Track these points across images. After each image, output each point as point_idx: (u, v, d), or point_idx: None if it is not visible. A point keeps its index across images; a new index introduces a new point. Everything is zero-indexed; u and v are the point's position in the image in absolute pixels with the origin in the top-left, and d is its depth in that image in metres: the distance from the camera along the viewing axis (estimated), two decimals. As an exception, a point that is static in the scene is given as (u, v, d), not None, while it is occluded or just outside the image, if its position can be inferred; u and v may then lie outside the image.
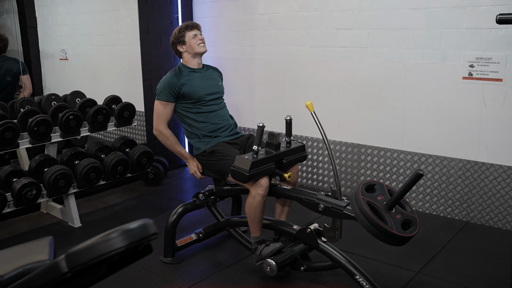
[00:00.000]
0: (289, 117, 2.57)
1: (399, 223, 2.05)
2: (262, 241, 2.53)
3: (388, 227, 2.01)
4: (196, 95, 2.73)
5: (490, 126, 3.07)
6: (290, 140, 2.62)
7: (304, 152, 2.70)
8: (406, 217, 2.09)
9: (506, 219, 3.08)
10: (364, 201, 2.07)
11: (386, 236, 2.02)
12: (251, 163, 2.33)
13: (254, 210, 2.45)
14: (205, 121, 2.75)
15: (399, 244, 2.08)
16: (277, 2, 3.97)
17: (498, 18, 1.60)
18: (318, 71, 3.83)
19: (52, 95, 3.73)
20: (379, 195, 2.14)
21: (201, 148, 2.73)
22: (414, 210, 2.18)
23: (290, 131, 2.61)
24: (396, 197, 2.06)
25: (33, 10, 4.49)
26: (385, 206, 2.09)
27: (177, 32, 2.83)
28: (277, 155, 2.50)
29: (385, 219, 2.04)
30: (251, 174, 2.35)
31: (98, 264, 0.92)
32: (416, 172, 1.96)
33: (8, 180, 3.08)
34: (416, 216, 2.14)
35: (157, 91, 2.74)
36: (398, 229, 2.02)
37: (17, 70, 4.07)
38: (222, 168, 2.63)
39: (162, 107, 2.72)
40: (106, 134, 4.66)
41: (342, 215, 2.23)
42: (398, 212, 2.10)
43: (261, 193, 2.42)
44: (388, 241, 2.06)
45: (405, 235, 2.03)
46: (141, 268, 2.70)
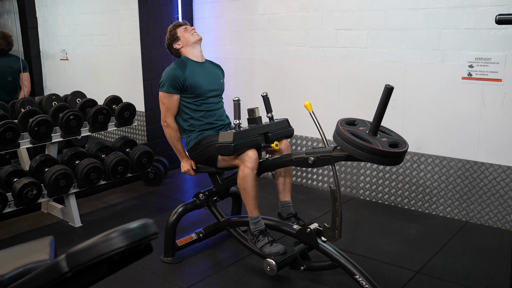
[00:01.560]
0: (265, 93, 2.70)
1: (386, 144, 2.05)
2: (266, 233, 2.50)
3: (374, 145, 2.00)
4: (199, 89, 2.73)
5: (490, 126, 3.08)
6: (271, 115, 2.70)
7: (290, 126, 2.74)
8: (392, 140, 2.09)
9: (505, 219, 3.09)
10: (346, 130, 2.09)
11: (376, 155, 2.00)
12: (233, 134, 2.38)
13: (245, 185, 2.44)
14: (202, 119, 2.76)
15: (393, 163, 2.06)
16: (277, 2, 3.97)
17: (498, 19, 1.61)
18: (318, 71, 3.83)
19: (53, 95, 3.74)
20: (360, 127, 2.15)
21: (191, 143, 2.75)
22: (400, 136, 2.18)
23: (269, 106, 2.71)
24: (376, 120, 2.06)
25: (34, 11, 4.50)
26: (368, 133, 2.09)
27: (168, 33, 2.89)
28: (260, 128, 2.55)
29: (370, 141, 2.04)
30: (236, 144, 2.37)
31: (99, 264, 0.92)
32: (385, 87, 1.98)
33: (8, 180, 3.09)
34: (404, 139, 2.12)
35: (161, 82, 2.73)
36: (385, 147, 2.02)
37: (18, 67, 4.07)
38: (211, 153, 2.64)
39: (167, 99, 2.73)
40: (107, 134, 4.67)
41: (332, 159, 2.23)
42: (383, 137, 2.10)
43: (250, 165, 2.42)
44: (379, 161, 2.04)
45: (394, 150, 2.01)
46: (141, 267, 2.71)
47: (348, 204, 3.64)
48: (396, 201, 3.57)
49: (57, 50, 4.93)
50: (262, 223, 2.53)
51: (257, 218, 2.52)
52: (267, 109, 2.71)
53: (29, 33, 4.47)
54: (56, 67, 4.91)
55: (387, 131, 2.20)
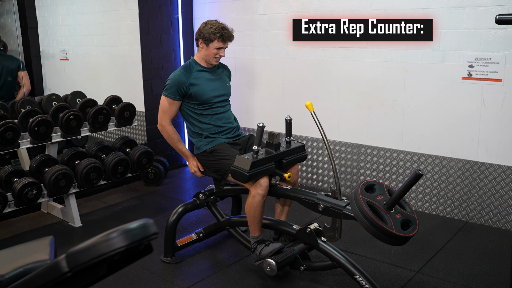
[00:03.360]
0: (289, 117, 2.59)
1: (399, 223, 2.06)
2: (262, 241, 2.54)
3: (388, 227, 2.01)
4: (203, 97, 2.71)
5: (490, 126, 3.08)
6: (290, 140, 2.63)
7: (304, 152, 2.70)
8: (405, 217, 2.10)
9: (505, 218, 3.09)
10: (364, 201, 2.08)
11: (386, 236, 2.03)
12: (251, 163, 2.34)
13: (254, 210, 2.45)
14: (209, 123, 2.74)
15: (399, 244, 2.09)
16: (277, 2, 3.97)
17: (498, 19, 1.61)
18: (318, 71, 3.83)
19: (53, 95, 3.74)
20: (378, 195, 2.14)
21: (202, 148, 2.73)
22: (413, 209, 2.19)
23: (290, 131, 2.62)
24: (396, 197, 2.07)
25: (34, 11, 4.50)
26: (384, 206, 2.09)
27: (210, 29, 2.68)
28: (277, 155, 2.51)
29: (384, 219, 2.05)
30: (251, 174, 2.35)
31: (99, 264, 0.92)
32: (415, 173, 1.97)
33: (9, 180, 3.09)
34: (416, 216, 2.15)
35: (165, 86, 2.71)
36: (398, 229, 2.03)
37: (15, 66, 4.08)
38: (222, 168, 2.63)
39: (168, 104, 2.71)
40: (107, 134, 4.67)
41: (342, 215, 2.24)
42: (397, 212, 2.10)
43: (261, 192, 2.42)
44: (387, 241, 2.06)
45: (404, 235, 2.03)
46: (141, 267, 2.71)
47: (348, 204, 3.64)
48: (396, 201, 3.57)
49: (57, 50, 4.93)
50: (261, 237, 2.57)
51: (259, 237, 2.55)
52: (287, 133, 2.63)
53: (29, 33, 4.47)
54: (56, 67, 4.91)
55: (402, 202, 2.19)
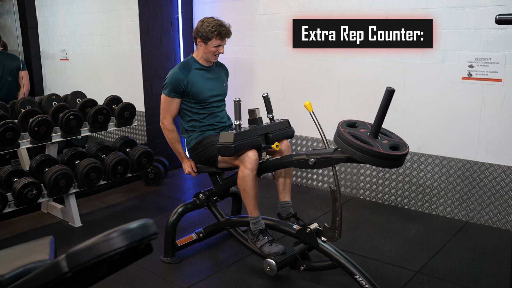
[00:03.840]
0: (266, 93, 2.70)
1: (387, 147, 2.04)
2: (265, 233, 2.50)
3: (375, 148, 2.00)
4: (200, 96, 2.73)
5: (490, 126, 3.08)
6: (272, 116, 2.70)
7: (290, 127, 2.74)
8: (393, 142, 2.09)
9: (505, 218, 3.09)
10: (347, 133, 2.08)
11: (376, 158, 2.00)
12: (234, 135, 2.38)
13: (244, 185, 2.44)
14: (203, 121, 2.76)
15: (393, 165, 2.07)
16: (277, 2, 3.97)
17: (498, 19, 1.61)
18: (318, 71, 3.83)
19: (53, 95, 3.74)
20: (361, 129, 2.15)
21: (192, 142, 2.75)
22: (401, 138, 2.18)
23: (270, 107, 2.71)
24: (377, 122, 2.06)
25: (34, 11, 4.50)
26: (369, 135, 2.09)
27: (207, 28, 2.68)
28: (261, 129, 2.55)
29: (371, 144, 2.04)
30: (236, 145, 2.37)
31: (99, 264, 0.92)
32: (386, 89, 1.97)
33: (9, 180, 3.09)
34: (404, 141, 2.12)
35: (165, 84, 2.73)
36: (386, 150, 2.02)
37: (16, 66, 4.07)
38: (211, 153, 2.64)
39: (168, 102, 2.72)
40: (107, 134, 4.67)
41: (332, 160, 2.23)
42: (384, 139, 2.10)
43: (250, 166, 2.42)
44: (380, 163, 2.04)
45: (395, 153, 2.01)
46: (141, 267, 2.71)
47: (348, 204, 3.64)
48: (396, 201, 3.57)
49: (57, 50, 4.93)
50: (262, 222, 2.53)
51: (257, 218, 2.52)
52: (268, 109, 2.71)
53: (29, 33, 4.47)
54: (56, 67, 4.91)
55: (388, 133, 2.20)
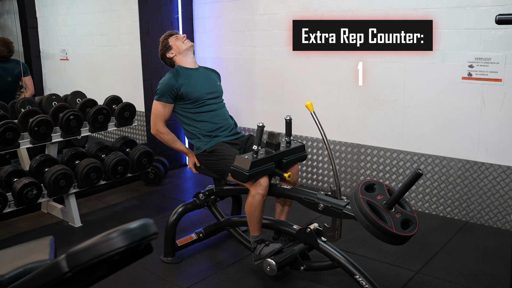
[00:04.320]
0: (289, 117, 2.59)
1: (399, 222, 2.06)
2: (262, 241, 2.53)
3: (388, 226, 2.01)
4: (195, 94, 2.73)
5: (490, 126, 3.08)
6: (290, 140, 2.63)
7: (304, 152, 2.70)
8: (405, 216, 2.10)
9: (505, 218, 3.09)
10: (364, 201, 2.08)
11: (386, 235, 2.03)
12: (251, 163, 2.34)
13: (253, 210, 2.46)
14: (205, 120, 2.75)
15: (399, 243, 2.09)
16: (277, 2, 3.97)
17: (498, 19, 1.61)
18: (318, 71, 3.83)
19: (53, 95, 3.74)
20: (378, 195, 2.14)
21: (201, 148, 2.73)
22: (413, 209, 2.19)
23: (290, 131, 2.62)
24: (396, 197, 2.07)
25: (34, 11, 4.49)
26: (384, 205, 2.09)
27: (160, 44, 2.92)
28: (277, 155, 2.51)
29: (384, 218, 2.05)
30: (251, 174, 2.36)
31: (99, 264, 0.92)
32: (415, 172, 1.97)
33: (9, 180, 3.09)
34: (416, 215, 2.15)
35: (156, 92, 2.76)
36: (398, 228, 2.03)
37: (19, 71, 4.07)
38: (222, 167, 2.63)
39: (161, 108, 2.73)
40: (107, 134, 4.67)
41: (341, 214, 2.24)
42: (397, 212, 2.10)
43: (261, 192, 2.42)
44: (387, 240, 2.06)
45: (404, 234, 2.03)
46: (141, 267, 2.71)
47: (348, 204, 3.64)
48: (396, 201, 3.57)
49: (57, 50, 4.92)
50: (261, 236, 2.56)
51: (258, 237, 2.55)
52: (287, 133, 2.63)
53: (29, 33, 4.46)
54: (56, 67, 4.91)
55: (402, 202, 2.19)
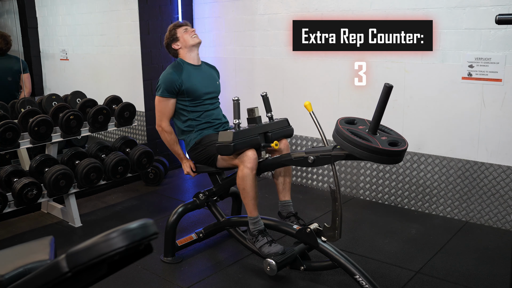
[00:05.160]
0: (264, 92, 2.70)
1: (386, 143, 2.04)
2: (265, 233, 2.51)
3: (374, 144, 2.00)
4: (195, 93, 2.74)
5: (490, 126, 3.08)
6: (271, 115, 2.70)
7: (289, 126, 2.74)
8: (392, 139, 2.09)
9: (505, 218, 3.09)
10: (345, 129, 2.09)
11: (375, 154, 2.00)
12: (233, 133, 2.38)
13: (244, 185, 2.44)
14: (199, 119, 2.76)
15: (392, 161, 2.07)
16: (277, 2, 3.97)
17: (498, 19, 1.61)
18: (318, 71, 3.83)
19: (53, 95, 3.74)
20: (360, 125, 2.15)
21: (191, 142, 2.75)
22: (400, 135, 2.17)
23: (269, 106, 2.71)
24: (376, 119, 2.06)
25: (34, 11, 4.50)
26: (368, 131, 2.09)
27: (168, 33, 2.87)
28: (260, 127, 2.55)
29: (369, 140, 2.04)
30: (235, 144, 2.38)
31: (99, 264, 0.92)
32: (384, 86, 1.97)
33: (8, 180, 3.09)
34: (403, 137, 2.12)
35: (158, 87, 2.75)
36: (385, 146, 2.01)
37: (18, 68, 4.07)
38: (211, 152, 2.64)
39: (163, 103, 2.73)
40: (107, 134, 4.67)
41: (331, 158, 2.23)
42: (383, 135, 2.10)
43: (249, 165, 2.42)
44: (379, 160, 2.04)
45: (394, 149, 2.01)
46: (141, 267, 2.71)
47: (348, 204, 3.64)
48: (396, 201, 3.57)
49: (57, 50, 4.93)
50: (261, 223, 2.53)
51: (256, 218, 2.52)
52: (267, 108, 2.71)
53: (29, 33, 4.47)
54: (56, 67, 4.91)
55: (386, 129, 2.20)
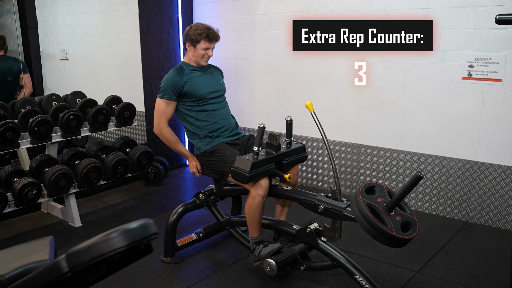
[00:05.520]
0: (289, 118, 2.58)
1: (399, 225, 2.06)
2: (261, 242, 2.53)
3: (388, 229, 2.01)
4: (198, 93, 2.73)
5: (490, 126, 3.08)
6: (290, 141, 2.62)
7: (304, 152, 2.70)
8: (405, 219, 2.10)
9: (505, 218, 3.09)
10: (364, 203, 2.07)
11: (386, 238, 2.02)
12: (251, 164, 2.34)
13: (253, 211, 2.45)
14: (207, 120, 2.75)
15: (399, 246, 2.09)
16: (277, 2, 3.97)
17: (498, 19, 1.61)
18: (318, 71, 3.83)
19: (53, 95, 3.74)
20: (378, 197, 2.14)
21: (202, 148, 2.73)
22: (413, 211, 2.19)
23: (290, 132, 2.61)
24: (396, 199, 2.07)
25: (34, 11, 4.50)
26: (384, 208, 2.09)
27: (196, 31, 2.72)
28: (277, 156, 2.51)
29: (384, 221, 2.05)
30: (251, 175, 2.35)
31: (99, 264, 0.92)
32: (416, 175, 1.97)
33: (9, 180, 3.09)
34: (416, 218, 2.15)
35: (160, 89, 2.74)
36: (398, 231, 2.03)
37: (17, 69, 4.07)
38: (222, 168, 2.63)
39: (164, 106, 2.72)
40: (107, 134, 4.67)
41: (342, 216, 2.24)
42: (397, 214, 2.10)
43: (261, 193, 2.42)
44: (387, 243, 2.06)
45: (404, 237, 2.03)
46: (141, 267, 2.71)
47: (348, 204, 3.64)
48: (396, 201, 3.57)
49: (57, 50, 4.93)
50: (260, 238, 2.56)
51: (258, 238, 2.55)
52: (288, 134, 2.62)
53: (29, 33, 4.47)
54: (56, 67, 4.91)
55: (402, 204, 2.19)
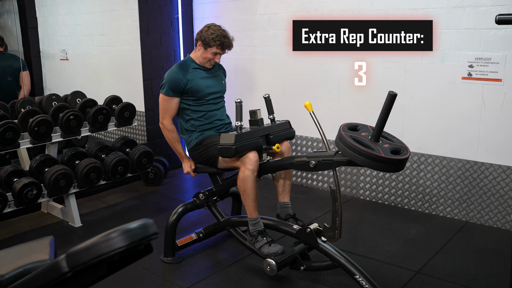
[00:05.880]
0: (267, 94, 2.69)
1: (388, 151, 2.04)
2: (264, 234, 2.51)
3: (376, 152, 2.00)
4: (200, 93, 2.74)
5: (490, 126, 3.08)
6: (273, 117, 2.70)
7: (291, 128, 2.74)
8: (394, 146, 2.09)
9: (505, 218, 3.09)
10: (348, 136, 2.08)
11: (378, 162, 2.00)
12: (235, 136, 2.39)
13: (244, 187, 2.45)
14: (202, 119, 2.76)
15: (395, 170, 2.06)
16: (277, 2, 3.97)
17: (498, 19, 1.61)
18: (318, 71, 3.83)
19: (53, 95, 3.74)
20: (362, 132, 2.15)
21: (192, 142, 2.75)
22: (403, 142, 2.17)
23: (271, 108, 2.70)
24: (379, 126, 2.06)
25: (34, 11, 4.50)
26: (370, 139, 2.09)
27: (212, 35, 2.68)
28: (262, 130, 2.56)
29: (372, 148, 2.04)
30: (237, 147, 2.38)
31: (99, 264, 0.92)
32: (388, 94, 1.96)
33: (9, 180, 3.09)
34: (406, 145, 2.12)
35: (162, 85, 2.74)
36: (387, 154, 2.01)
37: (17, 66, 4.07)
38: (212, 153, 2.64)
39: (167, 102, 2.73)
40: (107, 134, 4.67)
41: (334, 163, 2.23)
42: (385, 143, 2.10)
43: (250, 167, 2.42)
44: (382, 168, 2.03)
45: (396, 157, 2.01)
46: (141, 267, 2.71)
47: (348, 204, 3.64)
48: (396, 201, 3.57)
49: (57, 50, 4.93)
50: (261, 224, 2.54)
51: (256, 219, 2.52)
52: (269, 110, 2.71)
53: (29, 33, 4.47)
54: (56, 67, 4.91)
55: (389, 137, 2.19)
